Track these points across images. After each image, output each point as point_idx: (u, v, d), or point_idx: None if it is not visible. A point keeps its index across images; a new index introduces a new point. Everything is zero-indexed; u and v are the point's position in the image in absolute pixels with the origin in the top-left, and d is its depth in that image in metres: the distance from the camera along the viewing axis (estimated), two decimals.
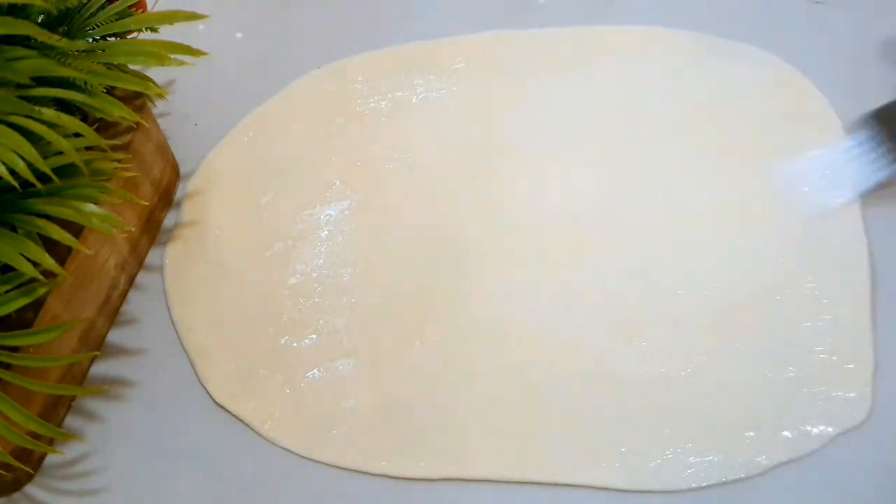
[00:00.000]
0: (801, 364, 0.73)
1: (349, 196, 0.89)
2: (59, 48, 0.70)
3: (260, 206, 0.90)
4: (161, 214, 0.91)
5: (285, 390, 0.78)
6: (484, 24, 1.01)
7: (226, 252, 0.87)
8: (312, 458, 0.74)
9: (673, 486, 0.69)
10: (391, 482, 0.72)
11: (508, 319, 0.79)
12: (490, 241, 0.84)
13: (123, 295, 0.86)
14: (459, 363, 0.77)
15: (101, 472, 0.75)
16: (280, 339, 0.81)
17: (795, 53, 0.92)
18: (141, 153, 0.85)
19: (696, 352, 0.75)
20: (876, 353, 0.73)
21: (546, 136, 0.90)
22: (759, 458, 0.69)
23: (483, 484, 0.71)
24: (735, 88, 0.91)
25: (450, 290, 0.81)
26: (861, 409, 0.70)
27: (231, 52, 1.04)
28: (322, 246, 0.86)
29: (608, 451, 0.71)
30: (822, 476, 0.68)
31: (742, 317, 0.76)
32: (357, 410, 0.76)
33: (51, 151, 0.66)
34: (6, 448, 0.66)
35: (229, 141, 0.96)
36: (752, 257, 0.80)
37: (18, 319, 0.69)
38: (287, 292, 0.83)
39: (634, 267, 0.81)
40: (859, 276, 0.77)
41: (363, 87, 0.97)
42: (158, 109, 0.96)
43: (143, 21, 0.81)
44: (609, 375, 0.75)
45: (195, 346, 0.82)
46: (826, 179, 0.83)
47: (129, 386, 0.80)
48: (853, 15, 0.95)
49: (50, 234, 0.66)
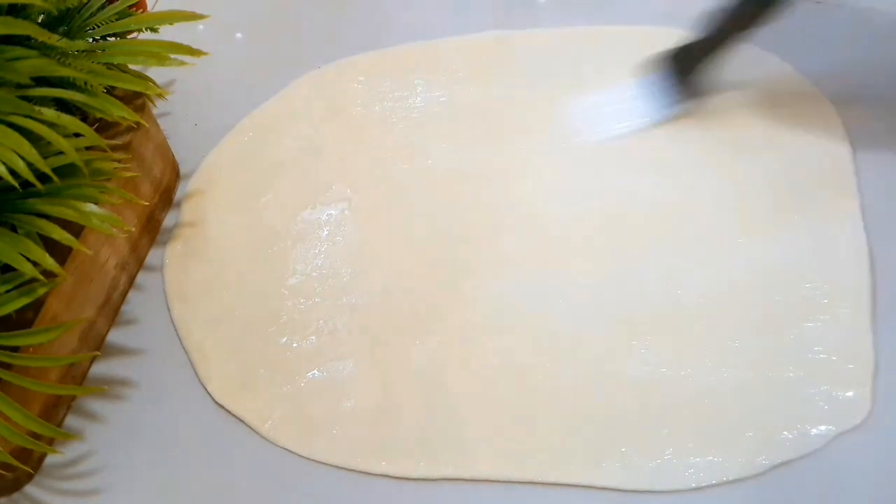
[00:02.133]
0: (801, 364, 0.73)
1: (349, 196, 0.89)
2: (59, 48, 0.71)
3: (260, 206, 0.90)
4: (161, 214, 0.91)
5: (285, 390, 0.78)
6: (484, 24, 1.01)
7: (226, 252, 0.87)
8: (312, 457, 0.74)
9: (673, 486, 0.69)
10: (391, 482, 0.72)
11: (509, 320, 0.79)
12: (491, 241, 0.84)
13: (123, 295, 0.86)
14: (459, 363, 0.77)
15: (101, 472, 0.75)
16: (280, 339, 0.81)
17: (796, 53, 0.92)
18: (141, 153, 0.85)
19: (695, 352, 0.75)
20: (876, 353, 0.73)
21: (547, 136, 0.90)
22: (759, 458, 0.69)
23: (483, 484, 0.71)
24: (736, 88, 0.91)
25: (450, 291, 0.81)
26: (861, 409, 0.70)
27: (231, 52, 1.04)
28: (322, 246, 0.86)
29: (608, 451, 0.71)
30: (822, 476, 0.68)
31: (742, 317, 0.76)
32: (357, 410, 0.76)
33: (51, 151, 0.67)
34: (6, 448, 0.66)
35: (229, 141, 0.96)
36: (752, 258, 0.80)
37: (18, 319, 0.69)
38: (287, 292, 0.83)
39: (634, 268, 0.81)
40: (859, 276, 0.77)
41: (363, 88, 0.98)
42: (158, 109, 0.96)
43: (143, 21, 0.81)
44: (609, 376, 0.75)
45: (195, 346, 0.82)
46: (618, 113, 0.90)
47: (129, 386, 0.80)
48: (854, 15, 0.95)
49: (50, 234, 0.66)
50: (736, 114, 0.90)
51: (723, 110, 0.90)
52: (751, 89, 0.91)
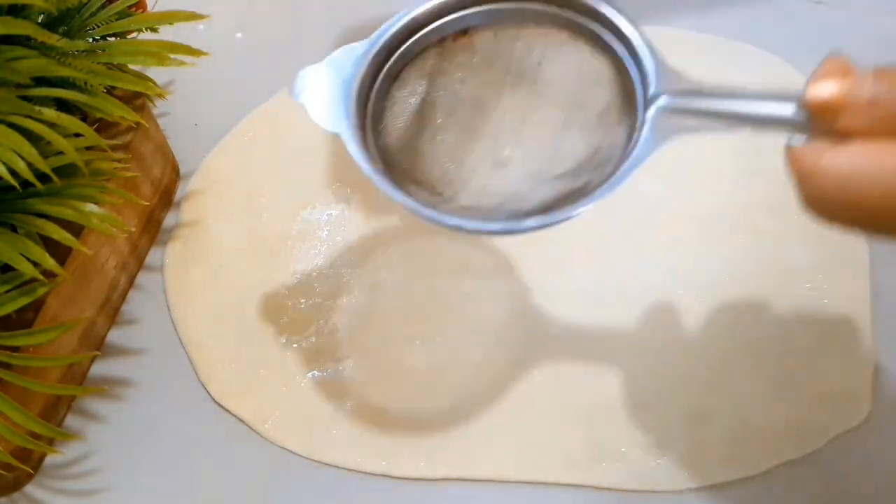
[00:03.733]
0: (801, 364, 0.73)
1: (349, 196, 0.89)
2: (59, 48, 0.70)
3: (260, 205, 0.90)
4: (161, 214, 0.91)
5: (285, 390, 0.78)
6: None
7: (226, 252, 0.87)
8: (312, 457, 0.74)
9: (673, 486, 0.69)
10: (391, 482, 0.72)
11: (509, 319, 0.79)
12: (491, 240, 0.84)
13: (123, 295, 0.86)
14: (460, 363, 0.77)
15: (101, 472, 0.75)
16: (280, 339, 0.81)
17: (796, 54, 0.92)
18: (141, 153, 0.85)
19: (694, 352, 0.75)
20: (876, 353, 0.73)
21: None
22: (758, 458, 0.69)
23: (483, 484, 0.71)
24: None
25: (450, 290, 0.81)
26: (861, 409, 0.70)
27: (231, 52, 1.04)
28: (322, 246, 0.86)
29: (608, 451, 0.71)
30: (822, 476, 0.68)
31: (741, 317, 0.76)
32: (357, 410, 0.76)
33: (51, 151, 0.66)
34: (6, 448, 0.66)
35: (229, 141, 0.96)
36: (752, 258, 0.80)
37: (18, 319, 0.69)
38: (287, 292, 0.83)
39: (632, 266, 0.81)
40: (860, 276, 0.77)
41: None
42: (158, 109, 0.96)
43: (143, 21, 0.81)
44: (609, 376, 0.75)
45: (195, 346, 0.82)
46: None
47: (129, 386, 0.80)
48: (854, 15, 0.95)
49: (50, 234, 0.66)
50: None
51: None
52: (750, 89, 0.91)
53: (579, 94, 0.57)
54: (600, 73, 0.55)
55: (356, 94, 0.57)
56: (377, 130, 0.58)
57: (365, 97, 0.58)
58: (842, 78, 0.41)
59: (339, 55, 0.59)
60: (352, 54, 0.58)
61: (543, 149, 0.57)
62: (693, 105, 0.49)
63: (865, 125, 0.40)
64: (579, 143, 0.55)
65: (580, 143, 0.55)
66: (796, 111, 0.44)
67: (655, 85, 0.51)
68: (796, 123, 0.44)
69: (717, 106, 0.48)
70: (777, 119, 0.45)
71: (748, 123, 0.47)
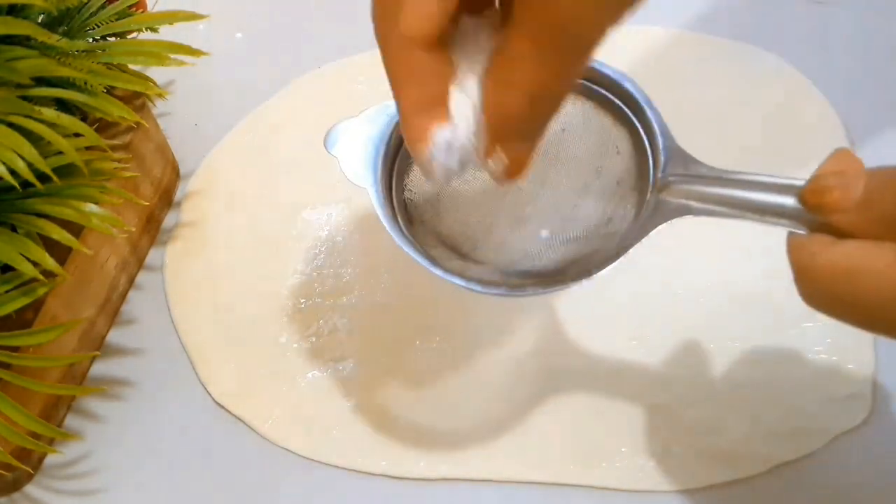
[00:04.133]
0: (800, 364, 0.73)
1: (349, 196, 0.89)
2: (59, 48, 0.71)
3: (260, 205, 0.90)
4: (161, 214, 0.91)
5: (285, 390, 0.78)
6: None
7: (226, 252, 0.87)
8: (312, 457, 0.74)
9: (673, 486, 0.69)
10: (391, 482, 0.72)
11: (509, 319, 0.79)
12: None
13: (123, 295, 0.86)
14: (459, 362, 0.77)
15: (101, 472, 0.75)
16: (280, 339, 0.81)
17: (797, 54, 0.92)
18: (141, 153, 0.85)
19: (694, 352, 0.75)
20: (876, 353, 0.73)
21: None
22: (758, 458, 0.69)
23: (483, 484, 0.71)
24: (736, 89, 0.91)
25: (451, 290, 0.81)
26: (861, 409, 0.70)
27: (231, 52, 1.04)
28: (322, 246, 0.86)
29: (608, 451, 0.71)
30: (822, 476, 0.68)
31: (741, 317, 0.76)
32: (357, 410, 0.76)
33: (51, 151, 0.66)
34: (6, 448, 0.66)
35: (229, 141, 0.96)
36: (751, 257, 0.79)
37: (18, 319, 0.69)
38: (287, 292, 0.83)
39: (631, 266, 0.80)
40: None
41: (364, 88, 0.97)
42: (158, 109, 0.96)
43: (143, 21, 0.81)
44: (609, 375, 0.75)
45: (195, 346, 0.82)
46: None
47: (129, 386, 0.80)
48: (855, 15, 0.95)
49: (50, 234, 0.66)
50: (731, 116, 0.90)
51: (721, 110, 0.90)
52: (750, 89, 0.91)
53: (599, 161, 0.59)
54: (620, 144, 0.57)
55: (384, 151, 0.60)
56: (401, 186, 0.61)
57: (394, 154, 0.61)
58: (840, 176, 0.40)
59: (372, 112, 0.62)
60: (385, 112, 0.61)
61: (560, 213, 0.61)
62: (698, 190, 0.51)
63: (861, 224, 0.40)
64: (594, 211, 0.58)
65: (595, 211, 0.58)
66: (796, 204, 0.44)
67: (665, 165, 0.53)
68: (797, 216, 0.45)
69: (721, 193, 0.50)
70: (778, 211, 0.46)
71: (751, 212, 0.48)
